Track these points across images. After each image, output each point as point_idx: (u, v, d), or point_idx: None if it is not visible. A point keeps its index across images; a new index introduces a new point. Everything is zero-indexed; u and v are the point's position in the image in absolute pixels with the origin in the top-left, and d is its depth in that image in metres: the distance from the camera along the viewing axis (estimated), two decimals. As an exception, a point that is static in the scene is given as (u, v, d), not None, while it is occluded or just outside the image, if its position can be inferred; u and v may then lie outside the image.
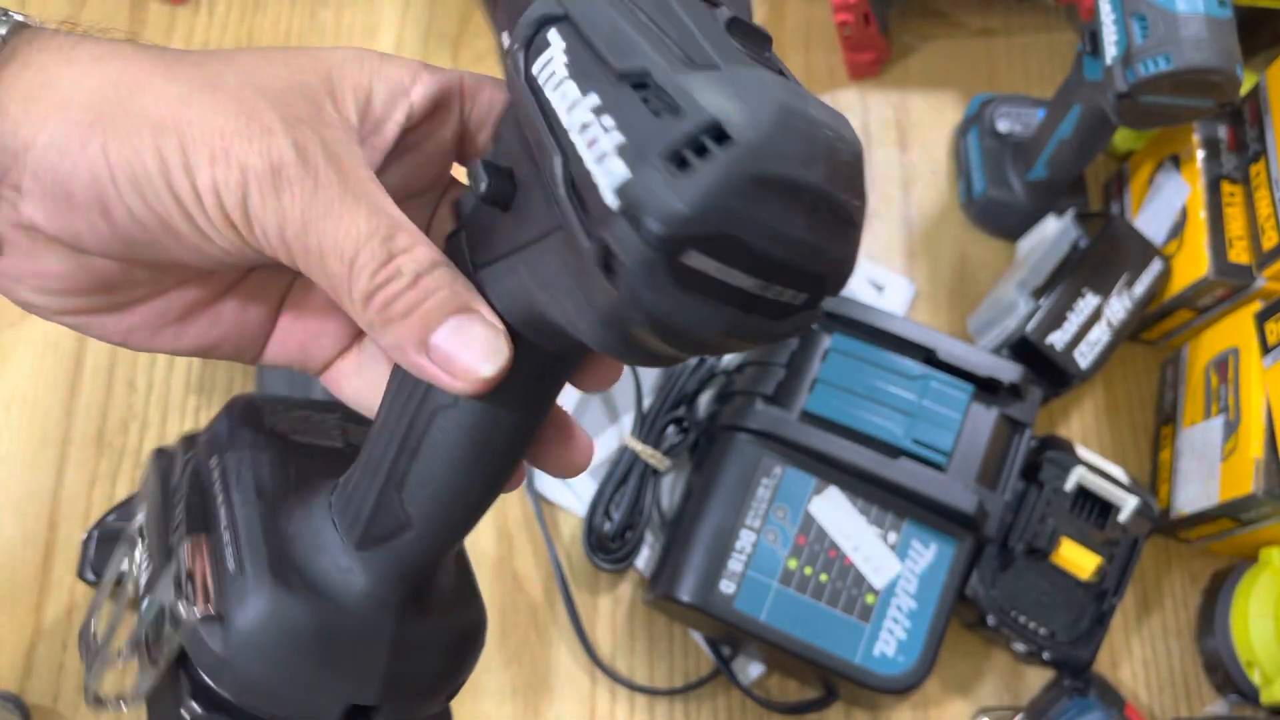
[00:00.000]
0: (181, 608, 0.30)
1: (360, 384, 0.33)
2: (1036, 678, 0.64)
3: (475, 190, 0.27)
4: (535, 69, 0.25)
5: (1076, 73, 0.64)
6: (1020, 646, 0.61)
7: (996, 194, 0.73)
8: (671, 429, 0.65)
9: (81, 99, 0.27)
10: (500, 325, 0.28)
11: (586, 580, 0.64)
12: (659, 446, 0.64)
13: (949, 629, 0.59)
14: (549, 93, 0.24)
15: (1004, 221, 0.73)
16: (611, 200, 0.22)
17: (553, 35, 0.25)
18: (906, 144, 0.77)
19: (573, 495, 0.66)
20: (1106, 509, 0.61)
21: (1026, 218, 0.71)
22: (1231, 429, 0.62)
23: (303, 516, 0.31)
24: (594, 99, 0.23)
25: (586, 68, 0.24)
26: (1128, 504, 0.60)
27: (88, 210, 0.27)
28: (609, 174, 0.22)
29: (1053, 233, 0.67)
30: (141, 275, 0.30)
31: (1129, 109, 0.59)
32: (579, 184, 0.23)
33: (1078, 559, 0.59)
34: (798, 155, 0.22)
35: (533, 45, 0.25)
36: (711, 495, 0.59)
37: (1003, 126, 0.74)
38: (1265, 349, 0.62)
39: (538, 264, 0.26)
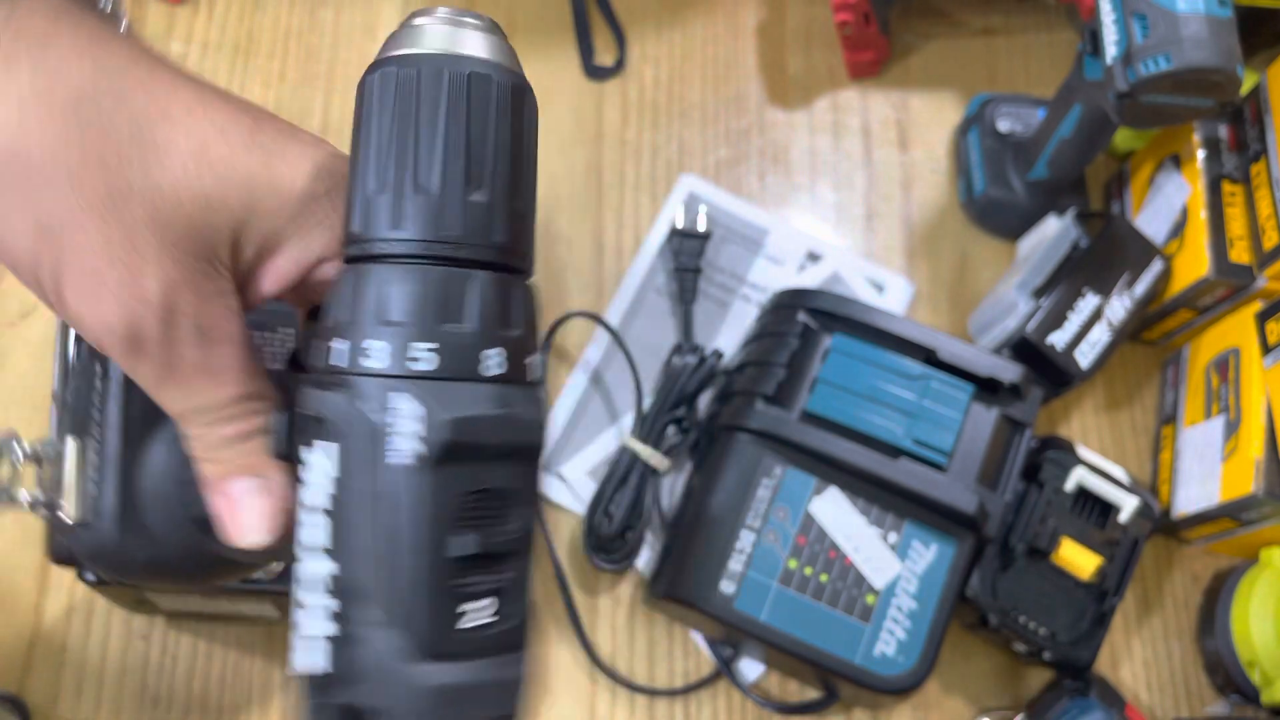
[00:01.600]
0: (44, 507, 0.36)
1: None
2: (1037, 678, 0.64)
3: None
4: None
5: (1077, 72, 0.64)
6: (1020, 647, 0.61)
7: (997, 193, 0.73)
8: (671, 429, 0.65)
9: None
10: (284, 505, 0.30)
11: (586, 580, 0.64)
12: (659, 446, 0.64)
13: (949, 629, 0.59)
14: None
15: (1004, 221, 0.73)
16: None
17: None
18: (907, 143, 0.77)
19: (573, 495, 0.66)
20: (1107, 509, 0.61)
21: (1027, 217, 0.71)
22: (1232, 429, 0.62)
23: (171, 449, 0.36)
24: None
25: None
26: (1128, 504, 0.60)
27: None
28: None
29: (1053, 232, 0.67)
30: None
31: (1130, 108, 0.59)
32: None
33: (1078, 559, 0.59)
34: None
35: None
36: (711, 495, 0.59)
37: (1003, 126, 0.74)
38: (1266, 349, 0.62)
39: None
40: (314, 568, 0.27)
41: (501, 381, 0.27)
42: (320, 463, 0.27)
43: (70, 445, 0.37)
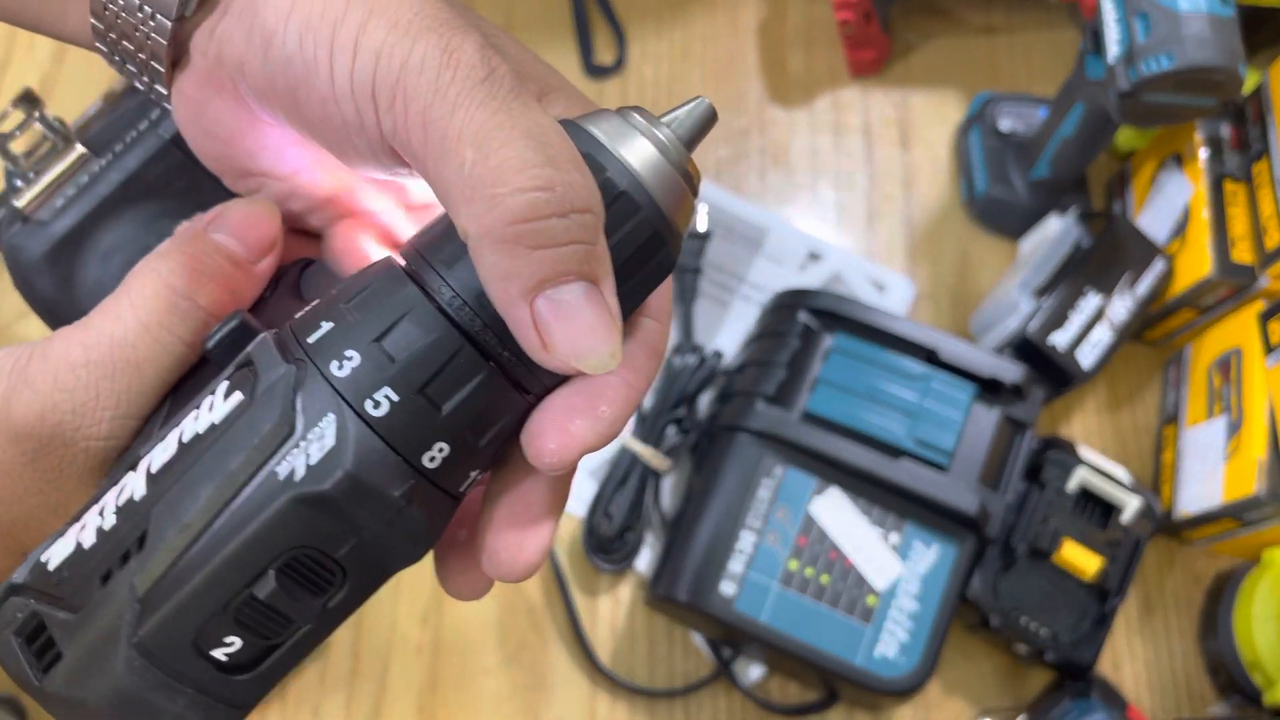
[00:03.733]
0: (9, 175, 0.36)
1: None
2: (1038, 679, 0.64)
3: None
4: None
5: (1079, 71, 0.64)
6: (1022, 648, 0.61)
7: (998, 193, 0.72)
8: (672, 429, 0.65)
9: None
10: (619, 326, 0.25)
11: (586, 581, 0.64)
12: (659, 447, 0.64)
13: (951, 630, 0.59)
14: None
15: (1006, 220, 0.73)
16: None
17: None
18: (908, 143, 0.77)
19: (573, 495, 0.65)
20: (1109, 510, 0.61)
21: (1028, 217, 0.71)
22: (1234, 429, 0.62)
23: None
24: None
25: None
26: (1130, 505, 0.60)
27: (259, 44, 0.25)
28: None
29: (1055, 232, 0.67)
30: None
31: (1131, 108, 0.59)
32: None
33: (1080, 560, 0.59)
34: None
35: None
36: (712, 496, 0.59)
37: (1005, 125, 0.74)
38: (1268, 349, 0.62)
39: None
40: (134, 480, 0.25)
41: (425, 478, 0.25)
42: (222, 404, 0.25)
43: (78, 150, 0.36)
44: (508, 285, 0.23)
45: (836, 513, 0.59)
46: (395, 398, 0.24)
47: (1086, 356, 0.64)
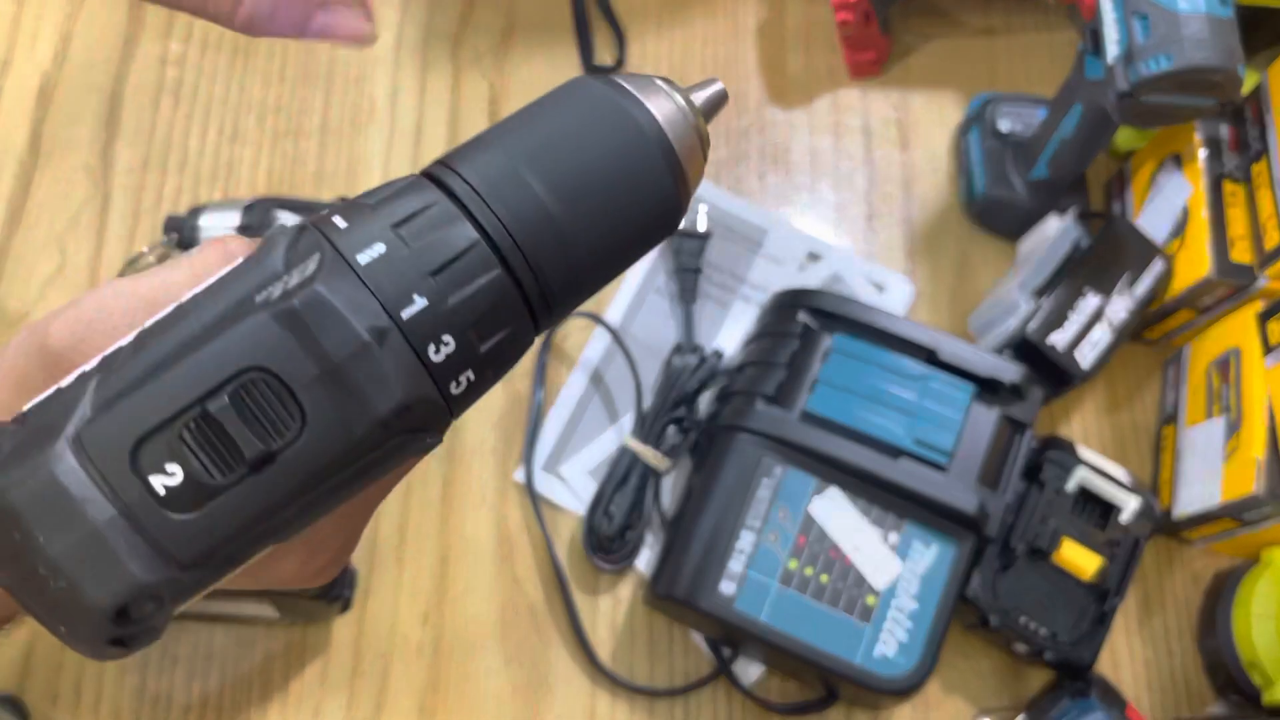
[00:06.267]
0: None
1: None
2: (1037, 679, 0.64)
3: None
4: None
5: (1078, 72, 0.64)
6: (1021, 647, 0.61)
7: (998, 193, 0.72)
8: (672, 429, 0.65)
9: None
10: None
11: (586, 581, 0.64)
12: (659, 446, 0.64)
13: (950, 630, 0.59)
14: None
15: (1005, 221, 0.73)
16: None
17: None
18: (907, 143, 0.77)
19: (573, 495, 0.65)
20: (1108, 509, 0.61)
21: (1028, 217, 0.71)
22: (1233, 429, 0.62)
23: None
24: None
25: None
26: (1129, 504, 0.60)
27: None
28: None
29: (1054, 232, 0.67)
30: None
31: (1131, 108, 0.59)
32: None
33: (1079, 559, 0.59)
34: None
35: None
36: (712, 495, 0.59)
37: (1004, 126, 0.74)
38: (1267, 349, 0.62)
39: None
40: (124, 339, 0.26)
41: (400, 331, 0.25)
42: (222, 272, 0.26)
43: None
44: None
45: (836, 512, 0.59)
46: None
47: (1086, 356, 0.64)
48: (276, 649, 0.61)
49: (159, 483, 0.23)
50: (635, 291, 0.70)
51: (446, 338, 0.25)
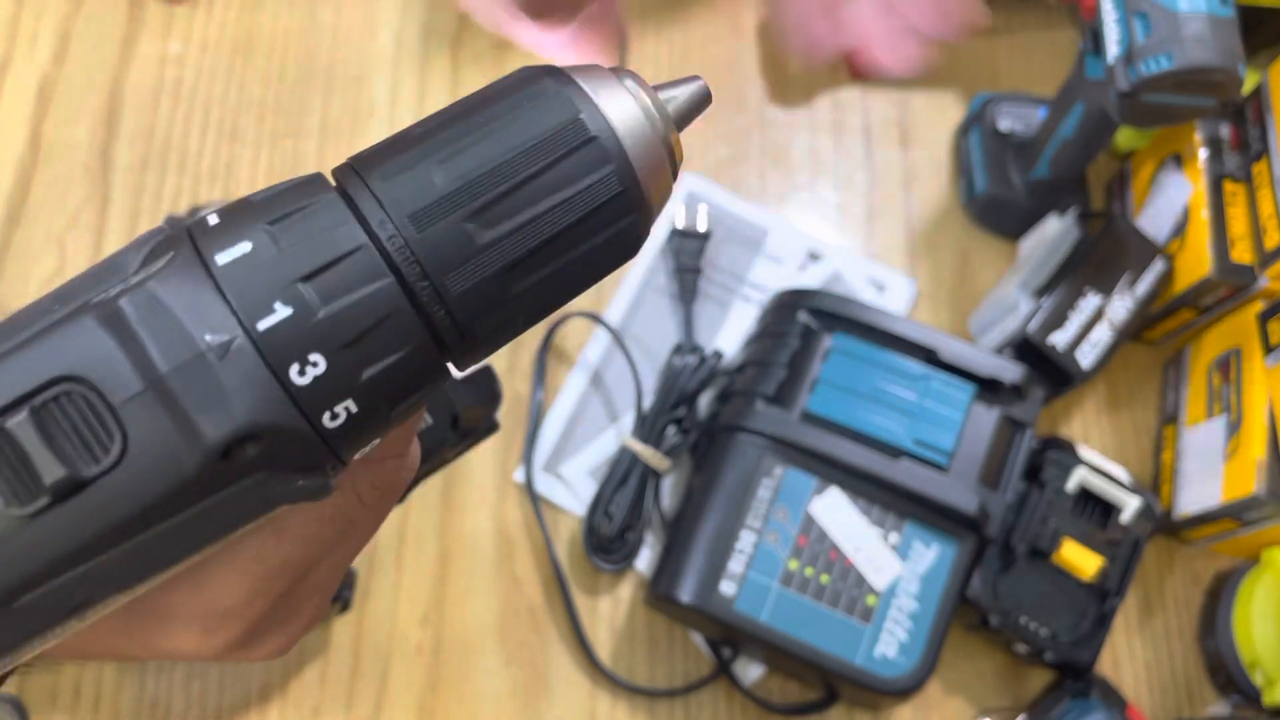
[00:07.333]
0: None
1: None
2: (1038, 679, 0.64)
3: None
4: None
5: (1078, 72, 0.64)
6: (1022, 648, 0.61)
7: (998, 193, 0.72)
8: (672, 429, 0.65)
9: None
10: None
11: (586, 581, 0.64)
12: (659, 447, 0.64)
13: (950, 630, 0.59)
14: None
15: (1006, 221, 0.73)
16: None
17: None
18: (908, 143, 0.77)
19: (573, 496, 0.65)
20: (1108, 509, 0.61)
21: (1028, 217, 0.71)
22: (1234, 429, 0.62)
23: None
24: None
25: None
26: (1130, 504, 0.60)
27: None
28: None
29: (1054, 232, 0.67)
30: None
31: (1131, 108, 0.59)
32: None
33: (1080, 560, 0.59)
34: None
35: None
36: (712, 496, 0.59)
37: (1004, 125, 0.74)
38: (1267, 349, 0.62)
39: None
40: None
41: (252, 341, 0.21)
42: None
43: None
44: None
45: (836, 512, 0.59)
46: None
47: (1086, 356, 0.64)
48: (276, 649, 0.61)
49: None
50: (635, 291, 0.70)
51: (315, 357, 0.21)
